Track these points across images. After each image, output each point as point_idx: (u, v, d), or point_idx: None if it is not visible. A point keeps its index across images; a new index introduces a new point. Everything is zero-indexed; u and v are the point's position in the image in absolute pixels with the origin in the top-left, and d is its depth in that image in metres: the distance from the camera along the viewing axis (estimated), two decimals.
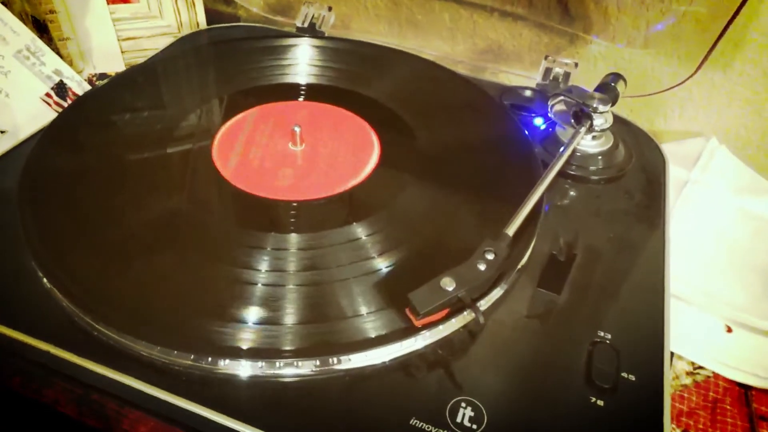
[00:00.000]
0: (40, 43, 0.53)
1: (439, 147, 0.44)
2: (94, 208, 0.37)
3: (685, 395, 0.41)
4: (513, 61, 0.64)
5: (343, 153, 0.43)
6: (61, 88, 0.52)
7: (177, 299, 0.32)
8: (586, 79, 0.62)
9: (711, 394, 0.41)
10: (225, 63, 0.53)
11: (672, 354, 0.41)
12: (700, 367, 0.42)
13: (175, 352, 0.29)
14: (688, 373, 0.42)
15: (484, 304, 0.33)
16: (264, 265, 0.34)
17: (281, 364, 0.30)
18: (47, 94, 0.52)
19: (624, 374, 0.31)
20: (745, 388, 0.41)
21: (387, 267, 0.34)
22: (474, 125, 0.47)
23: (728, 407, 0.40)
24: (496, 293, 0.34)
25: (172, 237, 0.36)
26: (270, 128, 0.45)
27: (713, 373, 0.42)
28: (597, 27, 0.58)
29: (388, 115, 0.47)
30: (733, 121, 0.60)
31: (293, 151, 0.43)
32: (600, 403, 0.30)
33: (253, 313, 0.31)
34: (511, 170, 0.43)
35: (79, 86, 0.54)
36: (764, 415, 0.39)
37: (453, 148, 0.44)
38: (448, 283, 0.30)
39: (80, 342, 0.30)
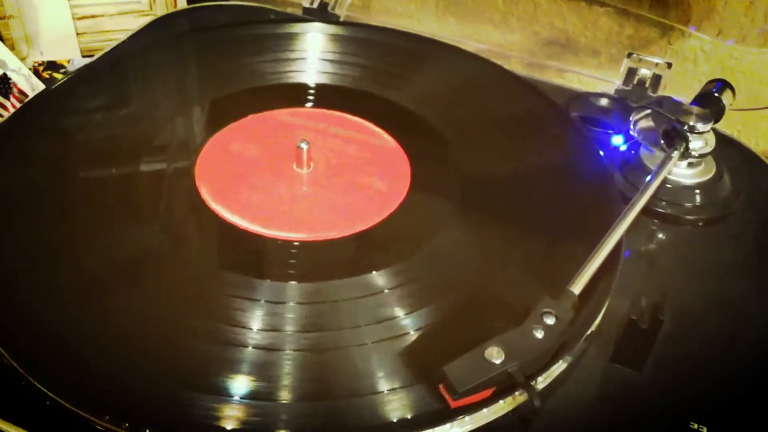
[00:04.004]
0: None
1: (487, 172, 0.46)
2: (44, 245, 0.39)
3: None
4: (585, 58, 0.66)
5: (363, 178, 0.45)
6: (4, 83, 0.55)
7: (146, 364, 0.33)
8: (682, 85, 0.63)
9: None
10: (211, 56, 0.56)
11: None
12: None
13: (147, 430, 0.31)
14: None
15: (541, 382, 0.35)
16: (256, 322, 0.36)
17: None
18: None
19: None
20: None
21: (415, 330, 0.36)
22: (532, 144, 0.49)
23: None
24: (557, 368, 0.35)
25: (142, 283, 0.38)
26: (269, 143, 0.48)
27: None
28: (698, 16, 0.60)
29: (422, 129, 0.49)
30: None
31: (298, 175, 0.45)
32: None
33: (240, 384, 0.33)
34: (581, 205, 0.44)
35: (26, 81, 0.57)
36: None
37: (504, 174, 0.46)
38: (495, 355, 0.32)
39: (28, 413, 0.32)
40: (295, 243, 0.41)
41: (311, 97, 0.52)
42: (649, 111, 0.48)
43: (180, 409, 0.32)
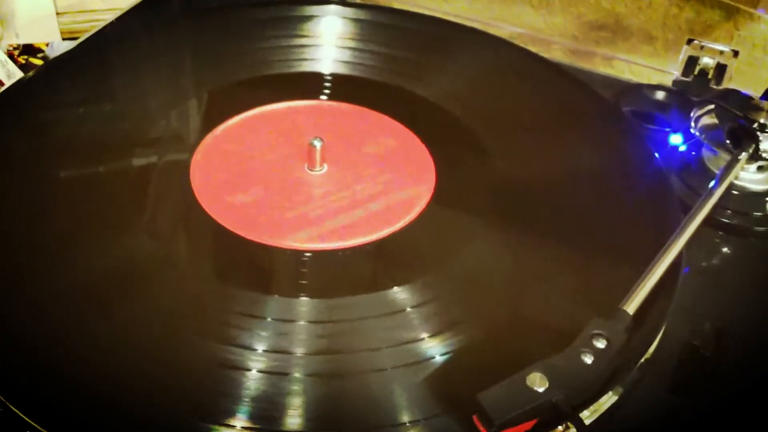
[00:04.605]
0: None
1: (523, 176, 0.47)
2: (20, 254, 0.40)
3: None
4: (638, 45, 0.66)
5: (382, 181, 0.46)
6: None
7: (137, 388, 0.34)
8: (751, 77, 0.63)
9: None
10: (211, 41, 0.56)
11: None
12: None
13: None
14: None
15: (587, 417, 0.35)
16: (261, 344, 0.36)
17: None
18: None
19: None
20: None
21: (443, 353, 0.36)
22: (577, 144, 0.50)
23: None
24: (607, 400, 0.35)
25: (129, 298, 0.38)
26: (277, 141, 0.48)
27: None
28: None
29: (449, 126, 0.50)
30: None
31: (310, 176, 0.46)
32: None
33: (242, 415, 0.33)
34: (633, 214, 0.44)
35: (2, 68, 0.58)
36: None
37: (544, 178, 0.47)
38: (538, 382, 0.32)
39: None
40: (306, 253, 0.41)
41: (325, 89, 0.53)
42: (712, 106, 0.48)
43: None
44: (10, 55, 0.65)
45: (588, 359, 0.33)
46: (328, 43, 0.56)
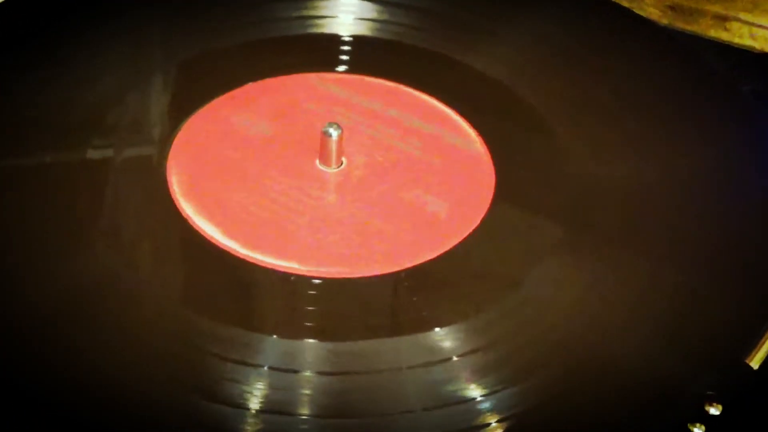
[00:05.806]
0: None
1: (612, 178, 0.46)
2: None
3: None
4: (761, 1, 0.66)
5: (421, 184, 0.45)
6: None
7: None
8: None
9: None
10: None
11: None
12: None
13: None
14: None
15: None
16: (255, 400, 0.36)
17: None
18: None
19: None
20: None
21: (500, 417, 0.35)
22: (682, 133, 0.49)
23: None
24: None
25: (89, 334, 0.38)
26: (280, 127, 0.48)
27: None
28: None
29: (514, 110, 0.50)
30: None
31: (323, 175, 0.46)
32: None
33: None
34: (757, 230, 0.44)
35: None
36: None
37: (639, 180, 0.46)
38: None
39: None
40: (316, 280, 0.41)
41: (344, 58, 0.53)
42: None
43: None
44: None
45: (698, 431, 0.32)
46: None
